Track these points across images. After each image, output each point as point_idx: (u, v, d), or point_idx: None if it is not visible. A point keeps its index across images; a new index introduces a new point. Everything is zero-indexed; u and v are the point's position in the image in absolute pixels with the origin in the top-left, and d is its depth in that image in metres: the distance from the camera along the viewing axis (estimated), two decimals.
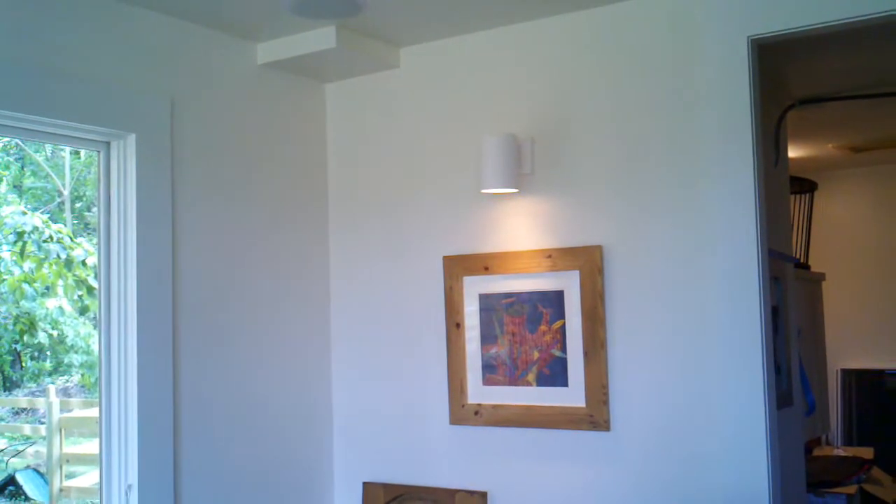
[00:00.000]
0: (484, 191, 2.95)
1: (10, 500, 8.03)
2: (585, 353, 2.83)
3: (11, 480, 8.15)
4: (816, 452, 4.86)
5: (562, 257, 2.89)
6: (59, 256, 6.79)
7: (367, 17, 2.91)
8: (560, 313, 2.89)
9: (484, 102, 3.11)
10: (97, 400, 2.64)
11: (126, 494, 2.61)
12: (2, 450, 8.86)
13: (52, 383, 9.04)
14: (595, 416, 2.80)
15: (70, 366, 9.29)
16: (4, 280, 7.02)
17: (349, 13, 2.86)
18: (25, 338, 8.02)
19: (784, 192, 4.01)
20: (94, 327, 8.57)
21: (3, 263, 6.93)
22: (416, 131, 3.25)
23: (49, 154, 9.98)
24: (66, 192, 9.97)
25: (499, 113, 3.07)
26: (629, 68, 2.84)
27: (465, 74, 3.15)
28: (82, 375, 9.23)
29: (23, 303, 7.57)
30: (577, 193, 2.91)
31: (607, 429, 2.79)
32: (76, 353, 8.67)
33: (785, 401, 3.27)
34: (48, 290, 7.42)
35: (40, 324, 7.90)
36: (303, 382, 3.27)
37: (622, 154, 2.84)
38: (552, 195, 2.95)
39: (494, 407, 2.99)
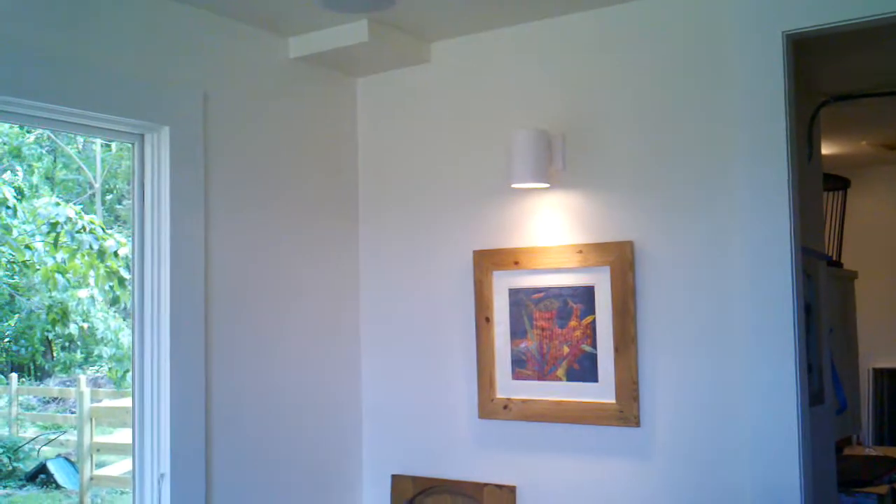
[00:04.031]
0: (514, 185, 2.95)
1: (42, 487, 8.13)
2: (616, 349, 2.82)
3: (43, 468, 8.26)
4: (847, 452, 4.82)
5: (592, 252, 2.88)
6: (91, 247, 6.87)
7: (398, 11, 2.91)
8: (590, 309, 2.89)
9: (515, 97, 3.10)
10: (127, 390, 2.67)
11: (158, 483, 2.64)
12: (33, 438, 8.98)
13: (83, 373, 9.14)
14: (625, 412, 2.79)
15: (100, 357, 9.40)
16: (38, 270, 7.11)
17: (381, 7, 2.87)
18: (57, 328, 8.11)
19: (817, 189, 3.97)
20: (124, 320, 8.66)
21: (36, 254, 7.02)
22: (446, 125, 3.25)
23: (81, 147, 10.09)
24: (97, 185, 10.07)
25: (529, 108, 3.06)
26: (662, 63, 2.82)
27: (496, 69, 3.15)
28: (110, 369, 9.33)
29: (54, 293, 7.66)
30: (609, 189, 2.90)
31: (637, 424, 2.78)
32: (106, 345, 8.77)
33: (816, 399, 3.24)
34: (80, 281, 7.51)
35: (72, 314, 8.00)
36: (332, 375, 3.29)
37: (654, 149, 2.82)
38: (583, 190, 2.94)
39: (524, 402, 2.99)
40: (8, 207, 6.57)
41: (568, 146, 2.96)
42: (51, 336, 9.00)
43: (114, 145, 9.54)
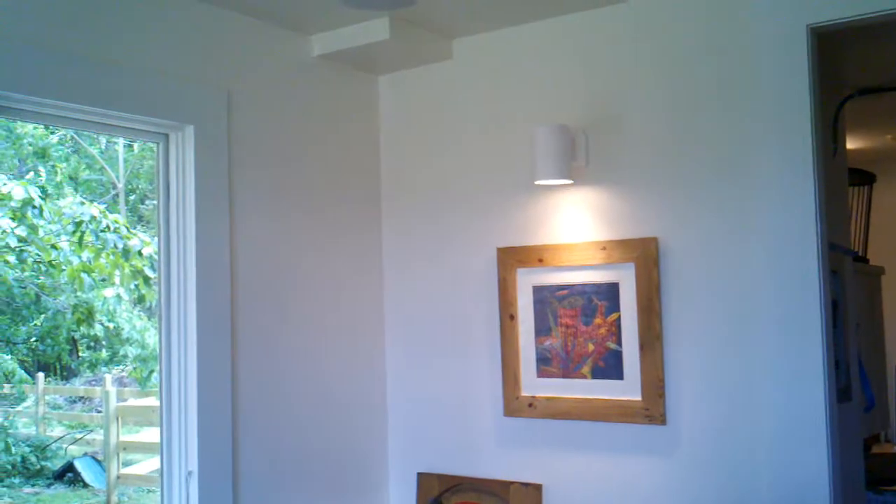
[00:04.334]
0: (538, 182, 2.94)
1: (69, 486, 8.20)
2: (641, 346, 2.80)
3: (70, 467, 8.33)
4: (875, 450, 4.79)
5: (616, 249, 2.87)
6: (115, 246, 6.91)
7: (420, 8, 2.91)
8: (615, 306, 2.88)
9: (537, 94, 3.10)
10: (152, 389, 2.69)
11: (186, 481, 2.66)
12: (60, 437, 9.06)
13: (108, 373, 9.22)
14: (651, 410, 2.78)
15: (125, 356, 9.46)
16: (63, 270, 7.17)
17: (403, 5, 2.87)
18: (83, 328, 8.17)
19: (842, 183, 3.94)
20: (149, 319, 8.72)
21: (62, 253, 7.07)
22: (468, 122, 3.25)
23: (103, 147, 10.16)
24: (120, 185, 10.14)
25: (552, 104, 3.05)
26: (685, 58, 2.81)
27: (517, 65, 3.14)
28: (135, 368, 9.40)
29: (80, 293, 7.72)
30: (632, 185, 2.88)
31: (663, 422, 2.77)
32: (131, 345, 8.83)
33: (844, 396, 3.22)
34: (105, 280, 7.56)
35: (97, 314, 8.05)
36: (357, 373, 3.30)
37: (678, 145, 2.81)
38: (606, 186, 2.93)
39: (549, 399, 2.98)
40: (34, 207, 6.63)
41: (591, 142, 2.95)
42: (76, 335, 9.08)
43: (136, 145, 9.60)
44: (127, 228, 7.18)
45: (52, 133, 9.39)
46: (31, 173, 8.77)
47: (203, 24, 2.80)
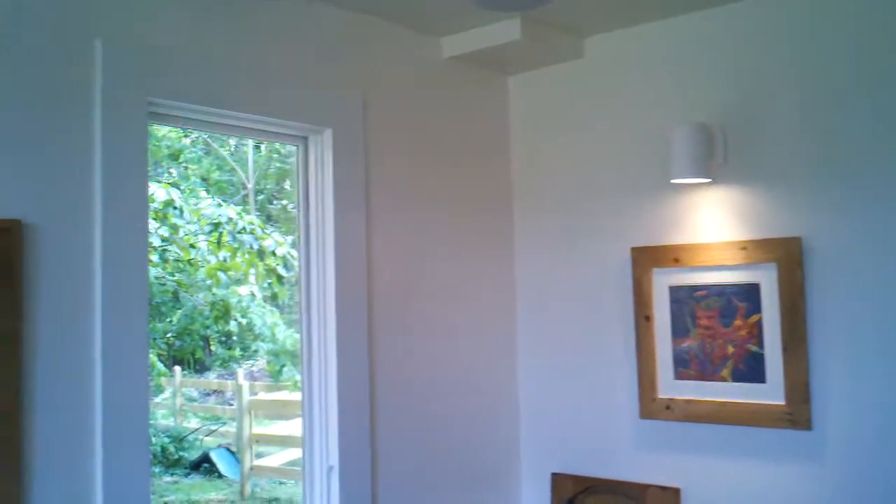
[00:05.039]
0: (674, 181, 2.89)
1: (205, 475, 8.51)
2: (784, 349, 2.72)
3: (206, 458, 8.64)
4: None
5: (757, 249, 2.79)
6: (251, 247, 7.15)
7: (551, 7, 2.89)
8: (756, 307, 2.79)
9: (671, 91, 3.04)
10: (282, 384, 2.76)
11: (328, 475, 2.73)
12: (196, 429, 9.41)
13: (240, 367, 9.52)
14: (795, 415, 2.69)
15: (256, 351, 9.75)
16: (201, 268, 7.45)
17: (538, 5, 2.85)
18: (219, 324, 8.46)
19: None
20: (280, 315, 8.97)
21: (200, 252, 7.35)
22: (601, 121, 3.22)
23: (233, 148, 10.48)
24: (249, 185, 10.46)
25: (686, 101, 2.99)
26: (826, 54, 2.70)
27: (651, 63, 3.09)
28: (268, 363, 9.67)
29: (216, 290, 8.01)
30: (774, 183, 2.80)
31: (808, 427, 2.67)
32: (263, 341, 9.08)
33: None
34: (241, 279, 7.82)
35: (233, 312, 8.33)
36: (490, 372, 3.31)
37: (820, 141, 2.71)
38: (746, 185, 2.85)
39: (687, 402, 2.92)
40: (175, 208, 6.91)
41: (729, 139, 2.88)
42: (210, 332, 9.40)
43: (263, 147, 9.87)
44: (262, 229, 7.41)
45: (186, 136, 9.74)
46: (166, 175, 9.14)
47: (339, 29, 2.86)
